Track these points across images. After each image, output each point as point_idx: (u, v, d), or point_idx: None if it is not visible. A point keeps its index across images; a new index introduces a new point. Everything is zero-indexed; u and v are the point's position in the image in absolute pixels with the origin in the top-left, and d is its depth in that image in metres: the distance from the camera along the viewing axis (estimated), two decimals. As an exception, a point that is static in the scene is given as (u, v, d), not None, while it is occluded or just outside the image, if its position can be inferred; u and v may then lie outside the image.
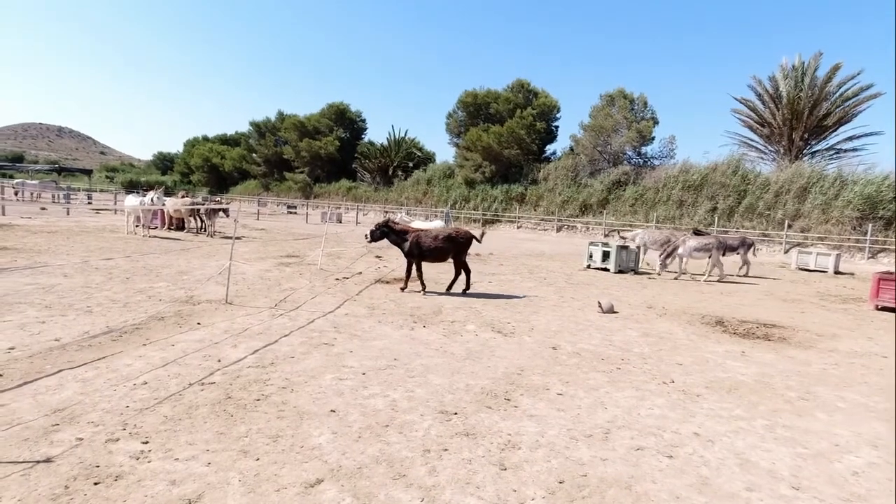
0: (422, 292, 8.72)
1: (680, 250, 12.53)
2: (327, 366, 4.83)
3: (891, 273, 9.88)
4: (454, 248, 8.84)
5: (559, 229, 30.69)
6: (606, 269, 13.25)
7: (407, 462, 3.10)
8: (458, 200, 36.40)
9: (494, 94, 37.77)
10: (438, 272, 10.85)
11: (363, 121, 51.93)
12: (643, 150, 31.87)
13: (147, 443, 3.16)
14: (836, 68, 25.60)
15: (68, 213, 24.21)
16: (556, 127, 37.35)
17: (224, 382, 4.24)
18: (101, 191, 57.64)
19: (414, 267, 8.91)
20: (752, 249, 14.21)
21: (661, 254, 12.80)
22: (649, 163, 31.63)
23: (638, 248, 14.31)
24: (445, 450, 3.28)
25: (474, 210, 35.01)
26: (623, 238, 15.25)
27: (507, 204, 34.26)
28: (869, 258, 19.77)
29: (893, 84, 19.21)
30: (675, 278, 12.56)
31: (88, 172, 59.09)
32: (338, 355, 5.18)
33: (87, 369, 4.37)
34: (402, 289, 8.83)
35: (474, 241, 9.17)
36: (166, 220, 18.55)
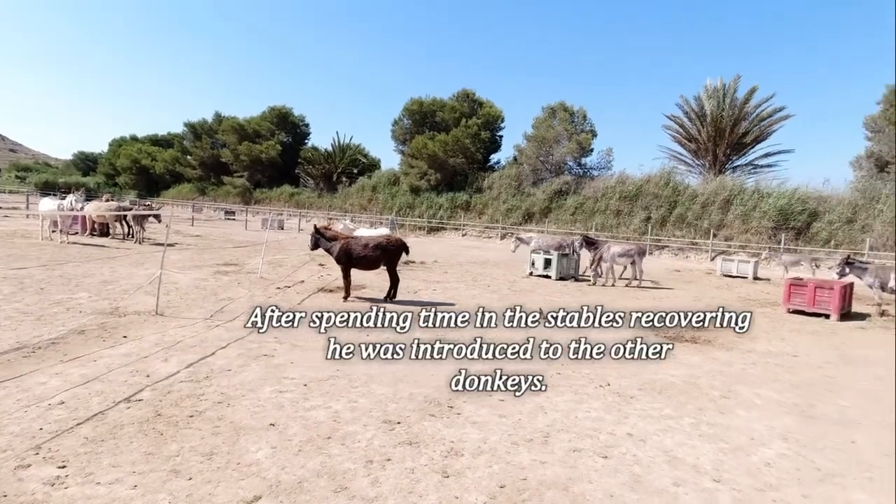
0: (344, 299, 8.61)
1: (605, 256, 13.15)
2: (267, 378, 4.68)
3: (800, 279, 10.83)
4: (385, 256, 8.79)
5: (503, 237, 31.29)
6: (548, 276, 13.65)
7: (349, 474, 3.06)
8: (404, 208, 36.32)
9: (440, 102, 38.10)
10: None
11: (306, 125, 50.70)
12: (583, 161, 33.18)
13: (64, 467, 2.93)
14: (752, 91, 27.93)
15: (-26, 217, 22.01)
16: (501, 137, 38.18)
17: (153, 399, 4.01)
18: (10, 192, 52.90)
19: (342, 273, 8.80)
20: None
21: (591, 263, 13.41)
22: (589, 173, 32.96)
23: (533, 251, 15.10)
24: (388, 459, 3.26)
25: (419, 218, 35.05)
26: (519, 239, 16.33)
27: (453, 212, 34.56)
28: (781, 265, 21.51)
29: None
30: (612, 284, 13.14)
31: (-3, 172, 54.04)
32: (278, 367, 5.03)
33: (-5, 389, 3.99)
34: (345, 298, 8.69)
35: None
36: (88, 226, 17.28)
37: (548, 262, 13.83)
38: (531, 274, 14.08)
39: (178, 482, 2.85)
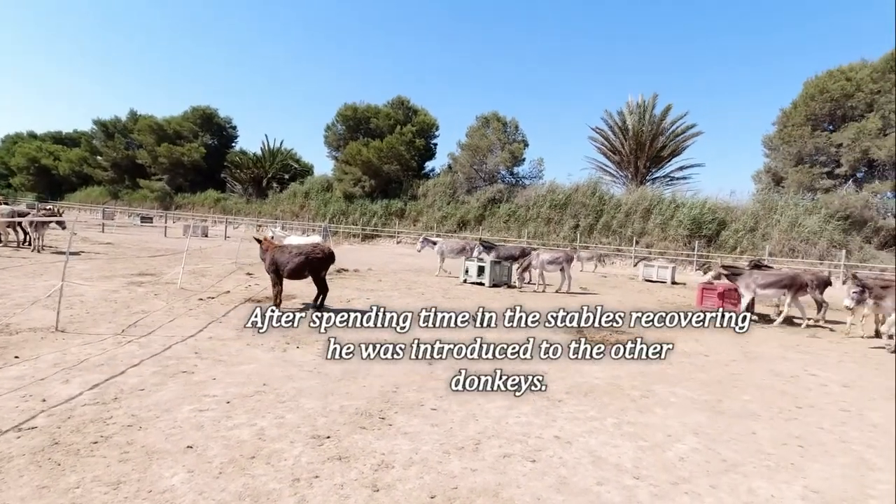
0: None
1: (534, 264, 13.61)
2: (185, 396, 4.38)
3: (711, 283, 11.74)
4: (312, 265, 8.59)
5: (438, 244, 31.47)
6: (482, 284, 13.88)
7: (274, 495, 2.92)
8: (337, 214, 35.62)
9: (374, 109, 37.81)
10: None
11: (233, 128, 48.37)
12: (515, 170, 34.18)
13: (-64, 510, 2.58)
14: (668, 108, 30.16)
15: None
16: (436, 144, 38.46)
17: (50, 426, 3.63)
18: None
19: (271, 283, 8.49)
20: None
21: (518, 269, 13.82)
22: (521, 182, 33.98)
23: (441, 253, 16.27)
24: (316, 477, 3.15)
25: (353, 225, 34.51)
26: (427, 240, 17.34)
27: (387, 219, 34.32)
28: (696, 270, 23.26)
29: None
30: (542, 290, 13.57)
31: None
32: (198, 384, 4.73)
33: None
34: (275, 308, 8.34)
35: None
36: (-23, 232, 15.46)
37: (481, 270, 14.07)
38: (465, 281, 14.25)
39: (78, 517, 2.59)
